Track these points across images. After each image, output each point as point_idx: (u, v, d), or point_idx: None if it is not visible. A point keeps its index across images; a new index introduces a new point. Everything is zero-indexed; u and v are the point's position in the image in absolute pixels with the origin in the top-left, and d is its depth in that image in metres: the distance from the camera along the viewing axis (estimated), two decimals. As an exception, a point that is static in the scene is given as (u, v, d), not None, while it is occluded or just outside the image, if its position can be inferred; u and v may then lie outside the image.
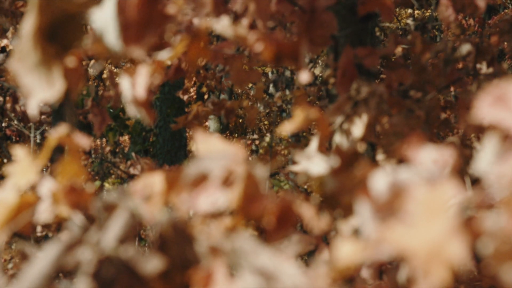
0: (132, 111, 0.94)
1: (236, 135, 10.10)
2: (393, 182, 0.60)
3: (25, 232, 0.74)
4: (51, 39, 0.74)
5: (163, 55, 0.92)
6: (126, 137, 8.45)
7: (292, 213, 0.75)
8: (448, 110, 1.69)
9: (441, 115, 1.62)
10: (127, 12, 0.81)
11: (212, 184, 0.68)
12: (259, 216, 0.71)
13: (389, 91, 1.53)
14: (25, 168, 0.75)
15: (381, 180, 0.61)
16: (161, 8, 0.84)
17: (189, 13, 0.98)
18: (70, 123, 0.74)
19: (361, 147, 1.24)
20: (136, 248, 0.62)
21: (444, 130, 1.64)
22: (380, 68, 1.68)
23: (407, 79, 1.56)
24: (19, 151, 0.76)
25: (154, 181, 0.70)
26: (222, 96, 8.14)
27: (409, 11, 7.32)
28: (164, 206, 0.69)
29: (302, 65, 0.99)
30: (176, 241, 0.64)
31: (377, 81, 1.68)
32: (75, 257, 0.62)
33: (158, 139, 6.30)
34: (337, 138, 1.26)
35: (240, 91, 8.82)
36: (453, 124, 1.66)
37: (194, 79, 3.20)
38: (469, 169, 1.47)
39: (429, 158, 0.64)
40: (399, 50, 1.67)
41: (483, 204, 0.59)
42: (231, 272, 0.63)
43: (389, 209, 0.60)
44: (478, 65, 1.60)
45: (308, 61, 3.14)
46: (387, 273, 1.01)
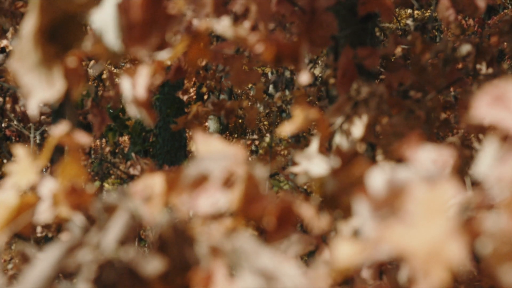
0: (133, 112, 0.94)
1: (236, 136, 10.10)
2: (392, 181, 0.60)
3: (25, 233, 0.74)
4: (52, 39, 0.74)
5: (163, 55, 0.92)
6: (126, 138, 8.45)
7: (292, 214, 0.75)
8: (448, 110, 1.69)
9: (441, 115, 1.62)
10: (131, 13, 0.81)
11: (212, 185, 0.68)
12: (259, 217, 0.71)
13: (389, 92, 1.53)
14: (25, 168, 0.75)
15: (379, 178, 0.61)
16: (165, 8, 0.84)
17: (189, 14, 0.98)
18: (71, 123, 0.74)
19: (361, 148, 1.24)
20: (137, 249, 0.62)
21: (444, 130, 1.64)
22: (380, 69, 1.68)
23: (407, 80, 1.56)
24: (20, 151, 0.76)
25: (154, 182, 0.70)
26: (222, 97, 8.14)
27: (409, 11, 7.32)
28: (164, 207, 0.69)
29: (302, 66, 0.99)
30: (176, 242, 0.64)
31: (377, 81, 1.68)
32: (76, 259, 0.62)
33: (158, 140, 6.30)
34: (337, 139, 1.26)
35: (240, 92, 8.81)
36: (453, 125, 1.66)
37: (194, 80, 3.20)
38: (469, 170, 1.47)
39: (429, 158, 0.64)
40: (399, 51, 1.67)
41: (483, 205, 0.59)
42: (231, 273, 0.63)
43: (388, 208, 0.60)
44: (478, 66, 1.60)
45: (308, 62, 3.14)
46: (387, 273, 1.01)
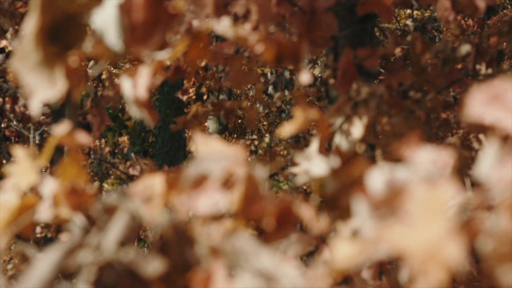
0: (134, 112, 0.94)
1: (235, 136, 10.09)
2: (391, 181, 0.60)
3: (26, 234, 0.73)
4: (53, 39, 0.74)
5: (163, 55, 0.92)
6: (125, 138, 8.44)
7: (292, 214, 0.75)
8: (448, 111, 1.69)
9: (441, 116, 1.62)
10: (134, 13, 0.81)
11: (212, 186, 0.68)
12: (259, 217, 0.71)
13: (389, 92, 1.53)
14: (26, 169, 0.75)
15: (379, 178, 0.61)
16: (167, 8, 0.84)
17: (190, 14, 0.98)
18: (71, 123, 0.74)
19: (361, 148, 1.24)
20: (137, 250, 0.62)
21: (444, 131, 1.64)
22: (380, 69, 1.68)
23: (407, 80, 1.56)
24: (19, 152, 0.76)
25: (154, 183, 0.70)
26: (221, 97, 8.13)
27: (408, 12, 7.32)
28: (164, 208, 0.69)
29: (303, 66, 0.99)
30: (177, 243, 0.64)
31: (376, 82, 1.68)
32: (76, 260, 0.62)
33: (157, 140, 6.29)
34: (337, 139, 1.26)
35: (239, 92, 8.81)
36: (453, 125, 1.66)
37: (193, 80, 3.20)
38: (469, 170, 1.47)
39: (428, 159, 0.64)
40: (399, 51, 1.67)
41: (483, 206, 0.59)
42: (231, 273, 0.63)
43: (388, 208, 0.60)
44: (478, 66, 1.60)
45: (307, 62, 3.14)
46: (387, 274, 1.01)
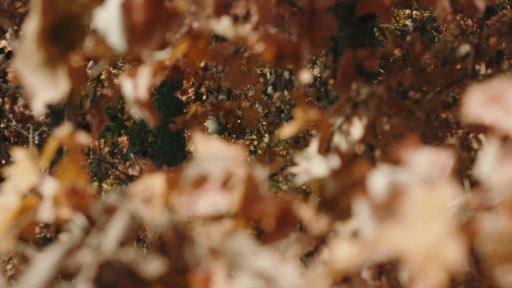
0: (135, 112, 0.94)
1: (235, 136, 10.09)
2: (391, 183, 0.60)
3: (27, 235, 0.73)
4: (55, 39, 0.74)
5: (163, 55, 0.92)
6: (125, 138, 8.44)
7: (291, 214, 0.75)
8: (447, 111, 1.69)
9: (441, 116, 1.62)
10: (134, 12, 0.81)
11: (212, 186, 0.68)
12: (259, 218, 0.71)
13: (389, 92, 1.53)
14: (26, 170, 0.75)
15: (379, 180, 0.61)
16: (167, 8, 0.84)
17: (190, 15, 0.98)
18: (72, 124, 0.74)
19: (360, 149, 1.24)
20: (137, 251, 0.62)
21: (444, 131, 1.64)
22: (380, 69, 1.68)
23: (406, 80, 1.56)
24: (19, 153, 0.76)
25: (154, 183, 0.70)
26: (221, 97, 8.12)
27: (407, 12, 7.32)
28: (164, 208, 0.69)
29: (303, 66, 0.99)
30: (176, 243, 0.64)
31: (376, 82, 1.68)
32: (76, 261, 0.62)
33: (157, 140, 6.29)
34: (337, 139, 1.26)
35: (239, 92, 8.80)
36: (452, 125, 1.66)
37: (193, 80, 3.20)
38: (468, 171, 1.47)
39: (427, 160, 0.64)
40: (398, 51, 1.67)
41: (482, 206, 0.59)
42: (231, 274, 0.63)
43: (387, 210, 0.60)
44: (477, 66, 1.60)
45: (307, 62, 3.14)
46: (386, 274, 1.01)
